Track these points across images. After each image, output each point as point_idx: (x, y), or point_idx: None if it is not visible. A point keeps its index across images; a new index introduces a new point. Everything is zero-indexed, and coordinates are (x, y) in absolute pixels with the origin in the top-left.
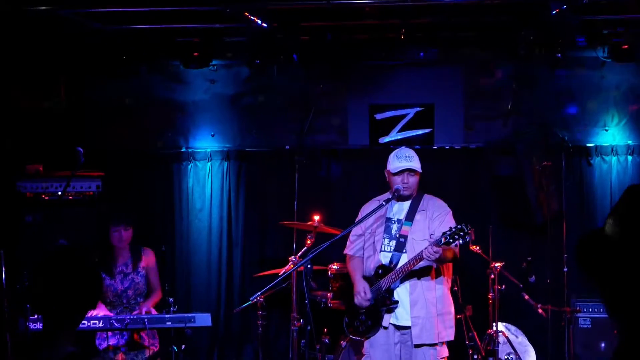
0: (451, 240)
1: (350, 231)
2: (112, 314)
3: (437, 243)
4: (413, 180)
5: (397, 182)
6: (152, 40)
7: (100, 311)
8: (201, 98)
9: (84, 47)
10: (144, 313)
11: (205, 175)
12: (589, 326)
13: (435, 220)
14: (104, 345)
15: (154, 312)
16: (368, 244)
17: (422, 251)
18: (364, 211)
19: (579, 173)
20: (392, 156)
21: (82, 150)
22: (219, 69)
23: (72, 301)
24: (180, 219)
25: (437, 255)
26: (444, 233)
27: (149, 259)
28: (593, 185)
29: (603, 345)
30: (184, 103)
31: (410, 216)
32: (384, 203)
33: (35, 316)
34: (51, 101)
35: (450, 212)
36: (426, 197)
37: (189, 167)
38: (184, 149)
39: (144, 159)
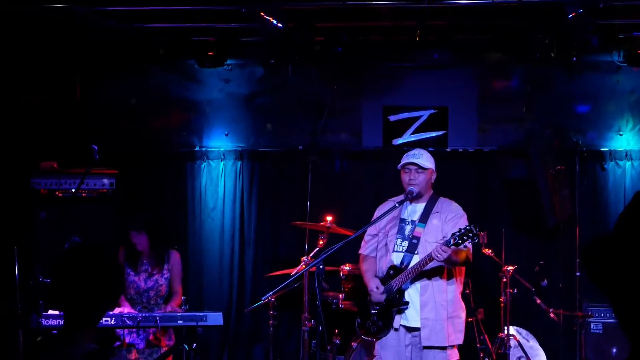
0: (460, 241)
1: (363, 232)
2: (134, 312)
3: (447, 244)
4: (421, 177)
5: (405, 180)
6: (167, 39)
7: (125, 308)
8: (215, 97)
9: (99, 45)
10: (169, 311)
11: (219, 175)
12: (601, 331)
13: (448, 223)
14: (119, 342)
15: (178, 311)
16: (381, 245)
17: (431, 251)
18: (379, 211)
19: (592, 178)
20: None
21: (96, 147)
22: (233, 68)
23: (94, 298)
24: (193, 218)
25: (445, 255)
26: (453, 234)
27: (174, 261)
28: (607, 190)
29: (615, 350)
30: (198, 102)
31: (424, 218)
32: (397, 205)
33: (48, 312)
34: (66, 99)
35: (465, 216)
36: (441, 199)
37: (202, 166)
38: (197, 148)
39: (158, 157)
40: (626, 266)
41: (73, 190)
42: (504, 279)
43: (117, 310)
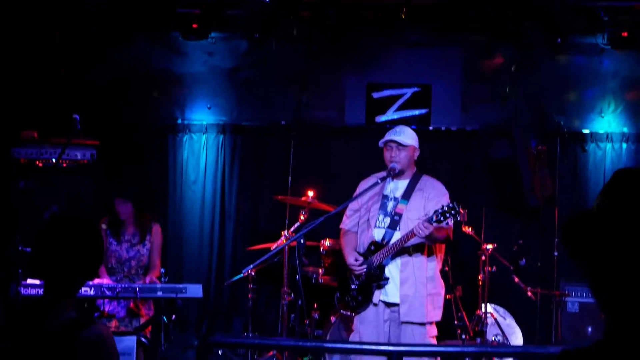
0: (442, 218)
1: (344, 207)
2: (112, 283)
3: (429, 220)
4: (403, 155)
5: (387, 157)
6: (151, 10)
7: (104, 279)
8: (199, 70)
9: (83, 15)
10: (148, 283)
11: (200, 148)
12: (577, 310)
13: (431, 201)
14: (98, 313)
15: (158, 283)
16: (363, 220)
17: (413, 227)
18: (361, 187)
19: (573, 159)
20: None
21: (78, 117)
22: (217, 41)
23: (73, 267)
24: (173, 191)
25: (427, 232)
26: (435, 211)
27: (156, 234)
28: (587, 171)
29: (590, 329)
30: (181, 75)
31: (406, 195)
32: (379, 181)
33: (27, 281)
34: (48, 68)
35: (447, 194)
36: (424, 177)
37: (184, 139)
38: (179, 121)
39: (140, 129)
40: (605, 241)
41: (54, 160)
42: (483, 257)
43: (96, 281)
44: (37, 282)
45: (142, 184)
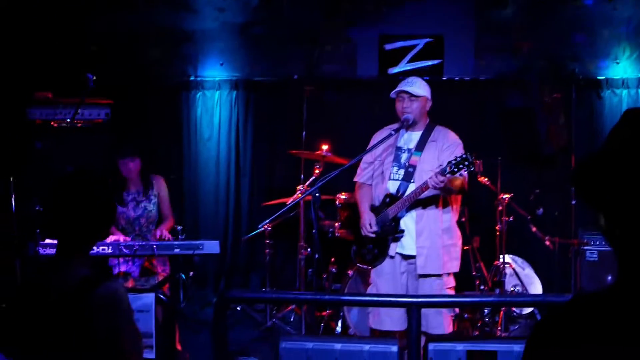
0: (456, 170)
1: (359, 160)
2: (130, 241)
3: (443, 172)
4: (415, 105)
5: (399, 108)
6: None
7: (120, 237)
8: (210, 27)
9: None
10: (158, 237)
11: (214, 105)
12: (596, 259)
13: (445, 151)
14: (116, 271)
15: (169, 236)
16: (377, 173)
17: (427, 180)
18: (375, 139)
19: (589, 106)
20: None
21: (92, 76)
22: None
23: (85, 223)
24: (188, 148)
25: (442, 184)
26: (449, 162)
27: (160, 186)
28: (603, 118)
29: (610, 278)
30: (192, 32)
31: (420, 146)
32: (393, 132)
33: (46, 241)
34: (60, 29)
35: (461, 144)
36: (438, 128)
37: (197, 96)
38: (192, 78)
39: (153, 87)
40: (616, 183)
41: (68, 120)
42: (500, 207)
43: (112, 239)
44: (55, 241)
45: (147, 141)
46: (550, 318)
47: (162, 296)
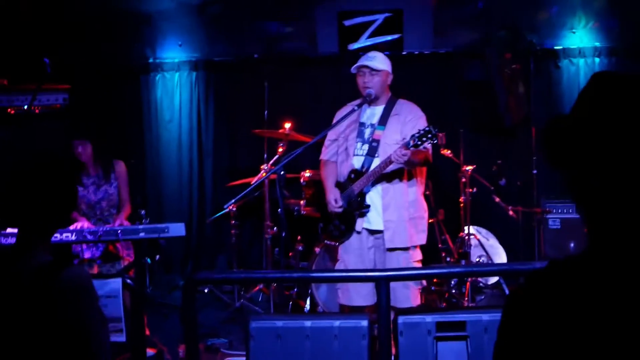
0: (419, 143)
1: (323, 137)
2: (88, 226)
3: (406, 145)
4: (376, 79)
5: (360, 83)
6: None
7: (84, 223)
8: (167, 7)
9: None
10: (117, 225)
11: (174, 86)
12: (559, 227)
13: (408, 124)
14: (80, 258)
15: (127, 224)
16: (341, 149)
17: (391, 154)
18: (338, 116)
19: (547, 76)
20: None
21: (48, 61)
22: None
23: (46, 211)
24: (149, 131)
25: (405, 158)
26: (412, 135)
27: (120, 170)
28: (561, 87)
29: (572, 245)
30: (149, 13)
31: (383, 120)
32: (355, 108)
33: (7, 230)
34: (15, 12)
35: (424, 117)
36: (400, 101)
37: (157, 78)
38: (151, 60)
39: (111, 71)
40: (586, 146)
41: (25, 107)
42: (463, 179)
43: (76, 226)
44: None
45: (106, 125)
46: (528, 285)
47: (129, 281)
